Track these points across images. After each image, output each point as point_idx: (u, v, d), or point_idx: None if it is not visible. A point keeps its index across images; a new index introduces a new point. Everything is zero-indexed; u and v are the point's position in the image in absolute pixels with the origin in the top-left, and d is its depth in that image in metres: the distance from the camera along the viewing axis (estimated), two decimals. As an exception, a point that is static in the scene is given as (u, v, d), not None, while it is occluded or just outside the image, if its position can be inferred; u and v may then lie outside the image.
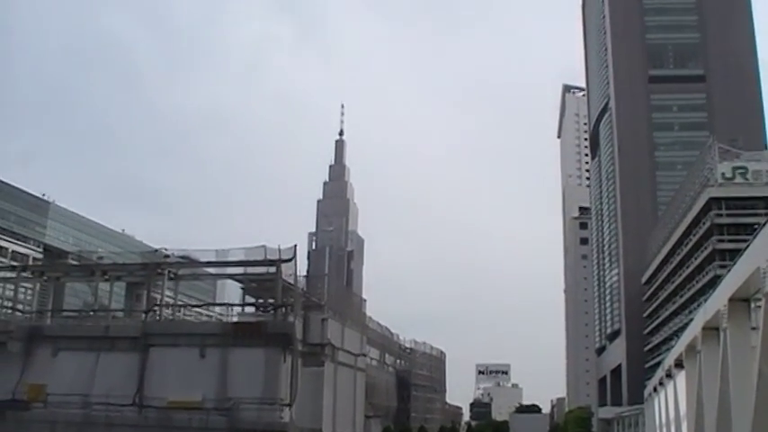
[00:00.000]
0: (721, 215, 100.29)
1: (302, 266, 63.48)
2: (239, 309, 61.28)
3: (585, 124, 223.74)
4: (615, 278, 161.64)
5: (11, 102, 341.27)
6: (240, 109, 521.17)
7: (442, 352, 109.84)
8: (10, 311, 64.12)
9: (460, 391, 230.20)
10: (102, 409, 49.27)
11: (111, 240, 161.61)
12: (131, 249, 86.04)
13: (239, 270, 56.80)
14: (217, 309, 73.82)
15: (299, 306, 53.07)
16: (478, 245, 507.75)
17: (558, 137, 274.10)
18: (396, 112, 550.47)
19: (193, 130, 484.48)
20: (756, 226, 18.37)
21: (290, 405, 47.85)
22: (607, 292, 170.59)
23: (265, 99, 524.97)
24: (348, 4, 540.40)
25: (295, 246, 52.72)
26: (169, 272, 57.56)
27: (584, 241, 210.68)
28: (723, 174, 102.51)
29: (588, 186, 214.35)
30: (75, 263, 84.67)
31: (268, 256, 51.60)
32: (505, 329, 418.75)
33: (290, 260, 51.56)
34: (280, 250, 51.25)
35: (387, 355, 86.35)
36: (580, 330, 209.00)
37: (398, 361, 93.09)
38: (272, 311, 53.95)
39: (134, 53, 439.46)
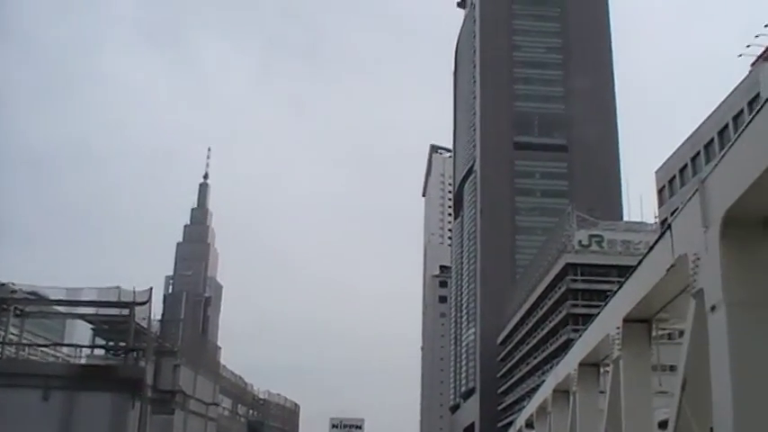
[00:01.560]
0: (576, 281, 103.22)
1: (157, 310, 61.93)
2: (88, 351, 59.11)
3: (450, 185, 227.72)
4: (472, 337, 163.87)
5: None
6: (104, 145, 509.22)
7: (296, 404, 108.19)
8: None
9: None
10: (-69, 452, 46.59)
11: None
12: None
13: (91, 310, 54.80)
14: (64, 349, 70.88)
15: (152, 351, 51.62)
16: (339, 299, 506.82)
17: (423, 195, 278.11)
18: (264, 161, 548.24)
19: (52, 163, 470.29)
20: (609, 293, 18.97)
21: (136, 453, 46.30)
22: (463, 350, 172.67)
23: (131, 136, 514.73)
24: (223, 48, 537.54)
25: (150, 289, 51.41)
26: (15, 308, 55.21)
27: (443, 299, 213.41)
28: (580, 241, 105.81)
29: (450, 246, 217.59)
30: None
31: (122, 298, 50.06)
32: (361, 384, 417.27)
33: (144, 303, 50.18)
34: (135, 292, 49.83)
35: (239, 405, 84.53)
36: (435, 388, 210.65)
37: (251, 411, 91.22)
38: (122, 355, 52.35)
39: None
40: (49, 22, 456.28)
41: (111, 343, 58.75)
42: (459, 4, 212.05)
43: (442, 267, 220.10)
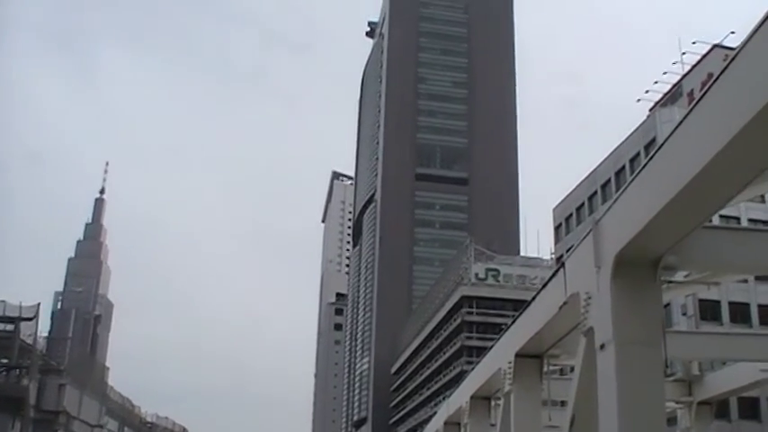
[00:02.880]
0: (472, 313, 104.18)
1: (44, 327, 60.20)
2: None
3: (351, 212, 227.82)
4: (365, 366, 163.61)
5: None
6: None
7: (184, 429, 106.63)
8: None
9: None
10: None
11: None
12: None
13: (-27, 325, 53.18)
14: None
15: (36, 369, 50.27)
16: (235, 323, 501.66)
17: (323, 222, 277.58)
18: (163, 179, 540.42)
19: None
20: (503, 326, 19.25)
21: (16, 476, 44.88)
22: (357, 379, 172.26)
23: (25, 140, 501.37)
24: (125, 62, 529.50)
25: (38, 304, 50.22)
26: None
27: (338, 327, 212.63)
28: (477, 274, 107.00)
29: (347, 273, 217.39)
30: None
31: (7, 313, 48.75)
32: (253, 409, 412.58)
33: (30, 319, 48.95)
34: (21, 307, 48.59)
35: (126, 429, 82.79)
36: (327, 415, 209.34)
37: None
38: (4, 373, 50.82)
39: None
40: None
41: (-7, 360, 57.00)
42: (367, 34, 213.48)
43: (339, 295, 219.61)
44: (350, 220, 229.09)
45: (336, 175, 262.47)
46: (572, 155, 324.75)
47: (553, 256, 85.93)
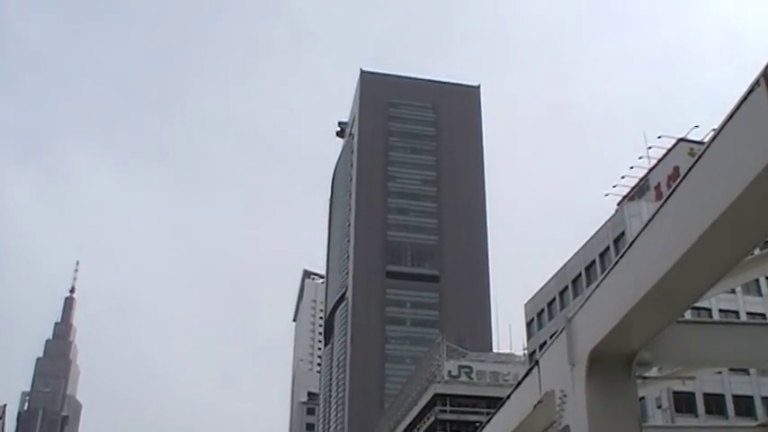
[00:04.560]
0: (445, 411, 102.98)
1: (11, 427, 59.04)
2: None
3: (322, 311, 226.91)
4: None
5: None
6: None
7: None
8: None
9: None
10: None
11: None
12: None
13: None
14: None
15: (2, 476, 49.05)
16: (208, 422, 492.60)
17: (294, 320, 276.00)
18: (133, 277, 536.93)
19: None
20: (478, 424, 19.06)
21: None
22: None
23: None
24: (90, 159, 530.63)
25: (4, 405, 49.40)
26: None
27: (309, 427, 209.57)
28: (449, 371, 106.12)
29: (319, 372, 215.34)
30: None
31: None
32: None
33: (-2, 424, 47.97)
34: (-12, 413, 47.65)
35: None
36: None
37: None
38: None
39: None
40: None
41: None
42: (338, 134, 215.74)
43: (311, 394, 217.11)
44: (321, 318, 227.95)
45: (308, 274, 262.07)
46: (543, 246, 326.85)
47: (525, 351, 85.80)
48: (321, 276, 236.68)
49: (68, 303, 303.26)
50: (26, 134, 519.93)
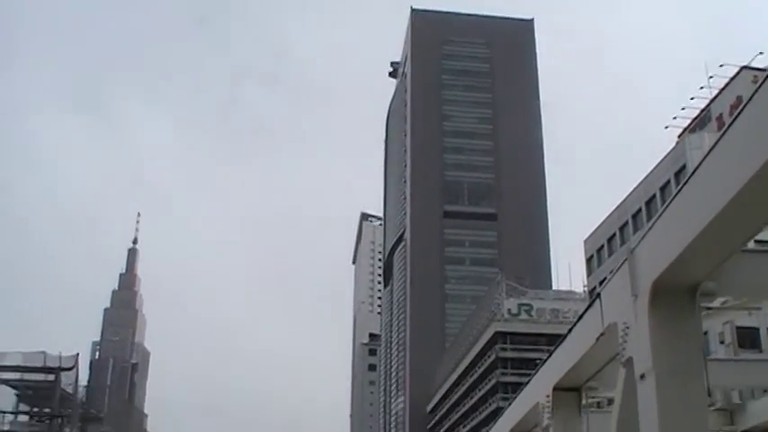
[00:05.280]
0: (506, 349, 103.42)
1: (83, 376, 60.57)
2: (12, 417, 57.57)
3: (380, 253, 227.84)
4: (401, 405, 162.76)
5: None
6: (30, 210, 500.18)
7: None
8: None
9: None
10: None
11: None
12: None
13: (15, 375, 53.63)
14: (-13, 417, 68.94)
15: (77, 418, 50.60)
16: (269, 366, 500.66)
17: (354, 263, 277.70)
18: (194, 226, 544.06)
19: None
20: (538, 361, 19.04)
21: None
22: (392, 419, 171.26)
23: (57, 199, 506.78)
24: (145, 112, 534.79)
25: (77, 354, 50.59)
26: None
27: (372, 368, 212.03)
28: (509, 310, 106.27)
29: (380, 314, 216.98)
30: None
31: (48, 363, 49.14)
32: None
33: (70, 369, 49.30)
34: (60, 358, 48.98)
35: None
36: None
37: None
38: (47, 421, 51.14)
39: None
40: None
41: (35, 409, 57.39)
42: (390, 74, 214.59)
43: (372, 335, 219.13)
44: (380, 260, 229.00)
45: (365, 217, 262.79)
46: (602, 182, 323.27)
47: (585, 288, 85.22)
48: (379, 218, 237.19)
49: (132, 254, 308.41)
50: (82, 84, 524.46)
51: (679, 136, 67.92)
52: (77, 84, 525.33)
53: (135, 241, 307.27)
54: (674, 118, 71.75)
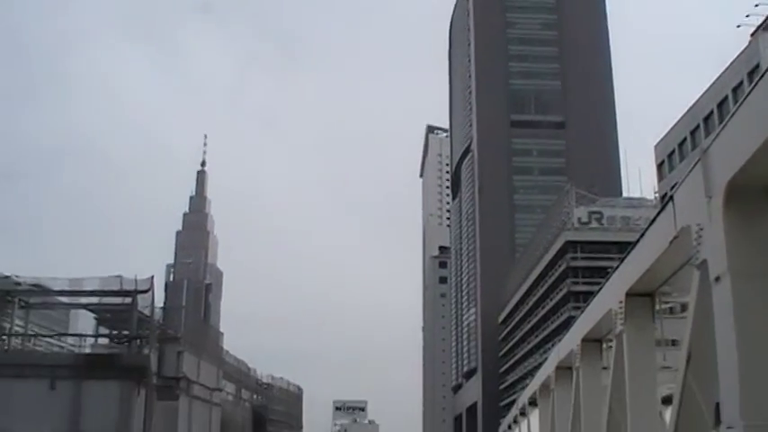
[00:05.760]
0: (576, 258, 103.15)
1: (159, 298, 61.93)
2: (92, 340, 59.25)
3: (448, 165, 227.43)
4: (472, 317, 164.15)
5: None
6: (95, 136, 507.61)
7: (299, 388, 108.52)
8: None
9: (317, 427, 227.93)
10: (-59, 446, 46.73)
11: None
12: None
13: (93, 300, 54.90)
14: (69, 339, 71.01)
15: (155, 338, 51.72)
16: (337, 281, 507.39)
17: (421, 176, 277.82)
18: (260, 147, 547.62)
19: (45, 158, 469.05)
20: (609, 269, 18.83)
21: (142, 440, 46.40)
22: (464, 330, 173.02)
23: (122, 127, 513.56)
24: (205, 37, 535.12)
25: (152, 277, 51.41)
26: (19, 300, 55.29)
27: (442, 280, 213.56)
28: (579, 218, 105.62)
29: (449, 226, 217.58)
30: None
31: (124, 287, 50.11)
32: (363, 366, 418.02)
33: (146, 291, 50.21)
34: (136, 281, 49.86)
35: (243, 390, 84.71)
36: (437, 368, 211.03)
37: (255, 396, 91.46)
38: (126, 343, 52.47)
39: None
40: (36, 19, 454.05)
41: (114, 332, 58.88)
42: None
43: (442, 248, 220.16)
44: (447, 172, 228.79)
45: (431, 129, 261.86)
46: (670, 86, 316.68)
47: (657, 194, 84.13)
48: (445, 130, 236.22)
49: (201, 177, 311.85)
50: (140, 13, 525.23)
51: (752, 34, 65.66)
52: (138, 13, 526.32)
53: (203, 164, 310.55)
54: (747, 16, 69.36)
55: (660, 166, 76.49)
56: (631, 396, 15.31)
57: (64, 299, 59.01)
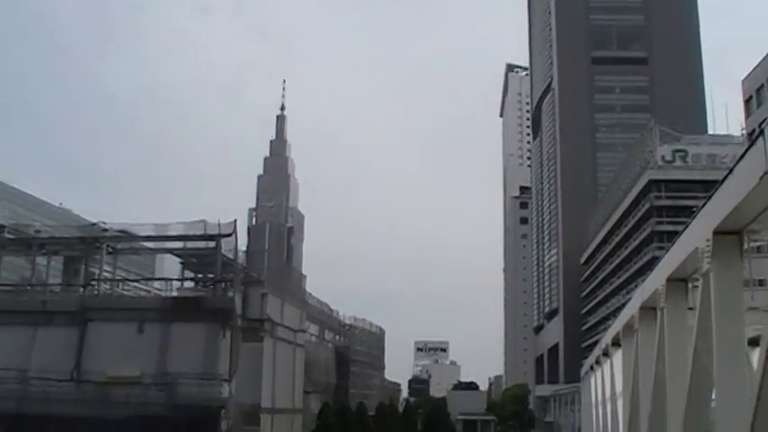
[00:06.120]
0: (660, 197, 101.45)
1: (242, 242, 62.97)
2: (178, 284, 60.64)
3: (528, 104, 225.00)
4: (554, 258, 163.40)
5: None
6: (175, 83, 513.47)
7: (381, 329, 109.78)
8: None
9: (399, 368, 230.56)
10: (39, 384, 48.48)
11: (47, 214, 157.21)
12: (69, 223, 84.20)
13: (179, 245, 56.14)
14: (156, 284, 72.94)
15: (239, 281, 52.66)
16: (417, 222, 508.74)
17: (501, 116, 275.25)
18: (336, 88, 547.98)
19: (126, 106, 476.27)
20: (695, 209, 18.37)
21: (229, 380, 47.48)
22: (546, 271, 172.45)
23: (202, 73, 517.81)
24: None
25: (235, 221, 52.23)
26: (107, 246, 56.71)
27: (524, 221, 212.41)
28: (663, 157, 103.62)
29: (529, 166, 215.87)
30: (11, 236, 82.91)
31: (208, 231, 51.07)
32: (444, 307, 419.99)
33: (229, 235, 51.06)
34: (219, 225, 50.73)
35: (326, 332, 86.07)
36: (518, 309, 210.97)
37: (338, 337, 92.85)
38: (211, 286, 53.56)
39: (60, 24, 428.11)
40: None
41: (199, 275, 60.24)
42: None
43: (523, 188, 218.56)
44: (528, 111, 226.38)
45: (511, 68, 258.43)
46: (760, 18, 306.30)
47: (744, 131, 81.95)
48: (525, 69, 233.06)
49: (280, 121, 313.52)
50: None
51: None
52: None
53: (282, 107, 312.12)
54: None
55: (748, 101, 74.35)
56: (718, 337, 15.01)
57: (150, 244, 60.50)
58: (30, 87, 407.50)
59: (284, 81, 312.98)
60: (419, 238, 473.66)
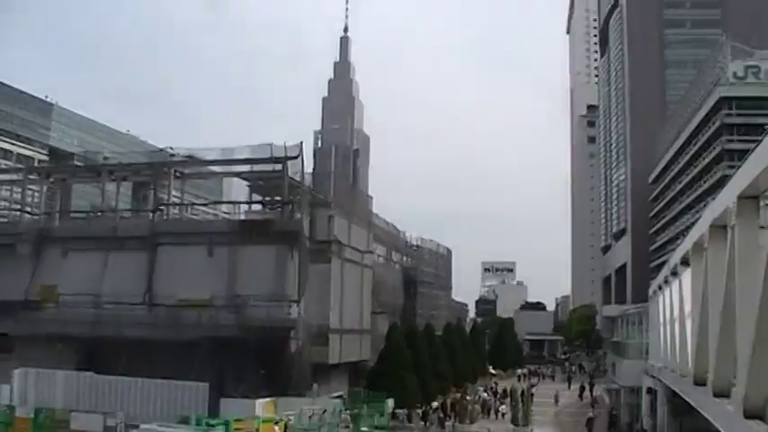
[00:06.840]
0: (731, 115, 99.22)
1: (308, 164, 63.42)
2: (246, 207, 61.40)
3: (595, 20, 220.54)
4: (622, 177, 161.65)
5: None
6: (239, 6, 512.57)
7: (448, 249, 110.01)
8: (18, 214, 64.47)
9: (466, 289, 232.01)
10: (112, 308, 49.89)
11: (115, 141, 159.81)
12: (136, 149, 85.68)
13: (245, 168, 56.72)
14: (223, 207, 73.92)
15: (306, 203, 53.17)
16: (484, 143, 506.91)
17: (567, 33, 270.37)
18: (400, 6, 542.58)
19: (191, 31, 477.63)
20: (767, 126, 17.99)
21: (297, 302, 48.26)
22: (614, 190, 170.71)
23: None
24: None
25: (301, 143, 52.48)
26: (175, 171, 57.56)
27: (591, 140, 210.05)
28: (735, 73, 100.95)
29: (597, 84, 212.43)
30: (80, 164, 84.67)
31: (274, 154, 51.42)
32: (511, 227, 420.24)
33: (295, 157, 51.38)
34: (286, 148, 51.04)
35: (393, 253, 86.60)
36: (586, 229, 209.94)
37: (405, 258, 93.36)
38: (278, 209, 54.10)
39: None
40: None
41: (267, 198, 60.88)
42: None
43: (590, 107, 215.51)
44: (595, 28, 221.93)
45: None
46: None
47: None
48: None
49: (344, 42, 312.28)
50: None
51: None
52: None
53: (346, 29, 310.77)
54: None
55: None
56: (790, 255, 14.86)
57: (217, 168, 61.20)
58: (95, 15, 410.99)
59: (347, 1, 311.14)
60: (487, 157, 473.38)
